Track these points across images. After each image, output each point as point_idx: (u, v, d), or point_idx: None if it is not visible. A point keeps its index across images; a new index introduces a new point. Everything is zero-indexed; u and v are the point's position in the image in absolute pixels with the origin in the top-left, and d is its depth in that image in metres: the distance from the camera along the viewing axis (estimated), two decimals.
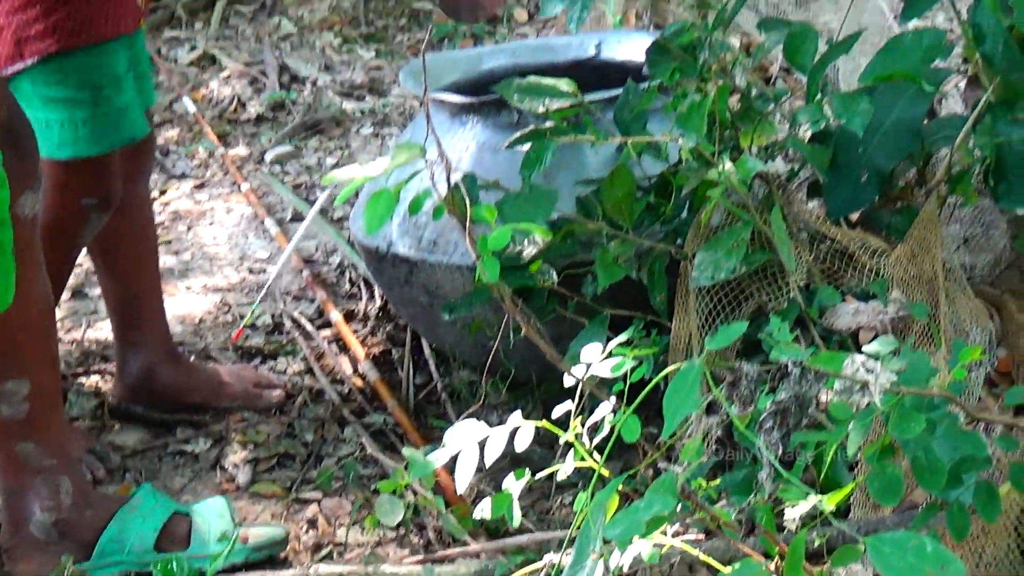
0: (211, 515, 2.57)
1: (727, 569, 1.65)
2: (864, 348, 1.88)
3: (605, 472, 1.76)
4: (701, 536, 2.13)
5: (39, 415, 2.40)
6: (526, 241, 2.54)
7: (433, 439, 1.91)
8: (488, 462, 1.77)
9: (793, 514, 1.69)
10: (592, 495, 1.75)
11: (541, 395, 2.93)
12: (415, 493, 2.68)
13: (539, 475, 1.92)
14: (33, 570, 2.45)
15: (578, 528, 1.76)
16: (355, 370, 3.24)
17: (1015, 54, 2.37)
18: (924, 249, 2.57)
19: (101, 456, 2.92)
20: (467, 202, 1.95)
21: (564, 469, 1.87)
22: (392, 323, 3.44)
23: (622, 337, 1.92)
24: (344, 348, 3.34)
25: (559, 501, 2.78)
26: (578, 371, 1.91)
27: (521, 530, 2.63)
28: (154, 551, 2.52)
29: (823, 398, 1.93)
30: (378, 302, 3.52)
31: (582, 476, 2.77)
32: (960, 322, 2.58)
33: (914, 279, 2.54)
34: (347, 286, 3.69)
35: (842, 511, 2.37)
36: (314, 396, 3.18)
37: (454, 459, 1.90)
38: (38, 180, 2.30)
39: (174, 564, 2.42)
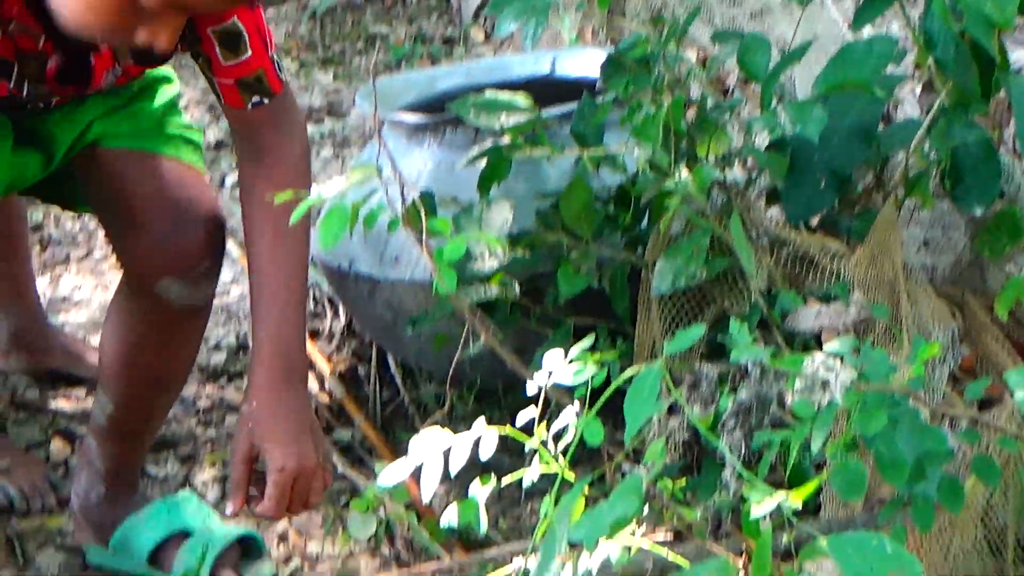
0: (213, 540, 2.58)
1: None
2: (825, 347, 1.90)
3: (570, 476, 1.77)
4: (671, 537, 2.14)
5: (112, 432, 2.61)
6: (486, 255, 2.54)
7: (402, 453, 1.91)
8: (453, 470, 1.77)
9: (758, 512, 1.69)
10: (557, 500, 1.76)
11: (508, 404, 2.94)
12: (385, 507, 2.68)
13: (506, 481, 1.92)
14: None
15: (543, 533, 1.76)
16: (322, 387, 3.24)
17: (966, 59, 2.39)
18: (884, 251, 2.59)
19: (55, 484, 2.91)
20: (423, 215, 1.96)
21: (529, 475, 1.88)
22: (357, 340, 3.44)
23: (584, 343, 1.92)
24: (310, 366, 3.33)
25: (529, 508, 2.79)
26: (541, 378, 1.92)
27: (493, 541, 2.64)
28: (147, 564, 2.60)
29: (787, 398, 1.94)
30: (343, 319, 3.52)
31: (551, 482, 2.79)
32: (923, 322, 2.60)
33: (875, 281, 2.56)
34: (311, 305, 3.69)
35: (813, 510, 2.38)
36: None
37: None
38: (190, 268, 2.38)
39: None
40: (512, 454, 2.79)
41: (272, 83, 2.25)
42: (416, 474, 2.80)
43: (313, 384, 3.25)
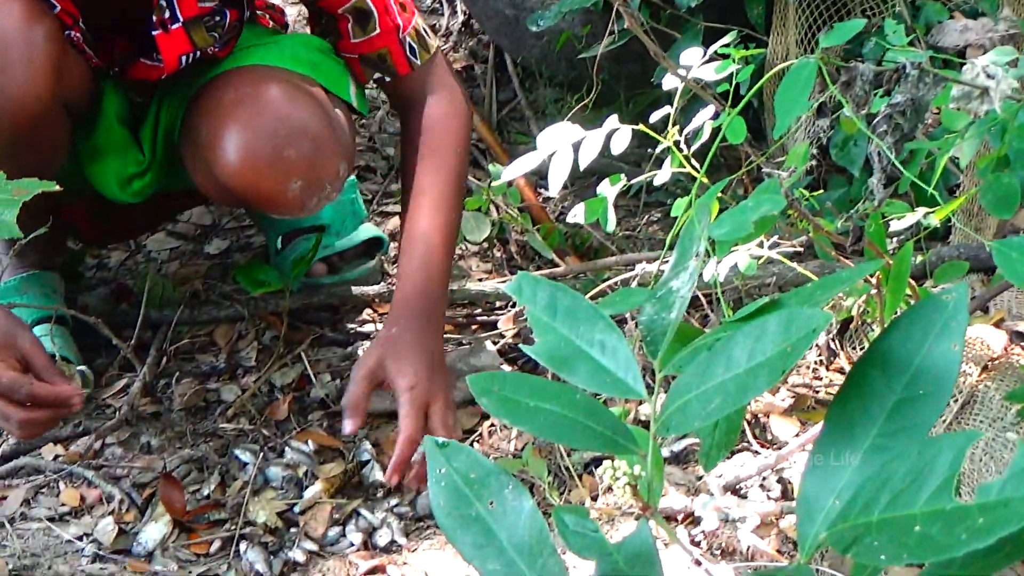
0: (335, 240, 2.58)
1: None
2: (979, 58, 1.79)
3: (704, 179, 1.69)
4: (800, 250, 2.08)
5: None
6: None
7: (517, 155, 1.84)
8: (583, 163, 1.70)
9: (899, 226, 1.62)
10: (691, 204, 1.69)
11: (630, 112, 2.86)
12: (499, 210, 2.63)
13: (635, 180, 1.85)
14: None
15: (677, 232, 1.70)
16: None
17: None
18: None
19: None
20: None
21: (661, 175, 1.80)
22: (475, 39, 3.34)
23: (724, 40, 1.83)
24: None
25: (646, 219, 2.73)
26: (675, 79, 1.83)
27: (607, 251, 2.59)
28: (279, 245, 2.59)
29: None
30: (460, 17, 3.42)
31: (670, 194, 2.73)
32: None
33: None
34: (428, 1, 3.59)
35: (942, 236, 2.31)
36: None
37: (541, 175, 1.82)
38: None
39: (251, 274, 2.43)
40: (630, 162, 2.73)
41: (398, 63, 2.24)
42: (531, 177, 2.77)
43: None
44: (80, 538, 1.99)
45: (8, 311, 2.04)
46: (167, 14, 2.05)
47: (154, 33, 2.06)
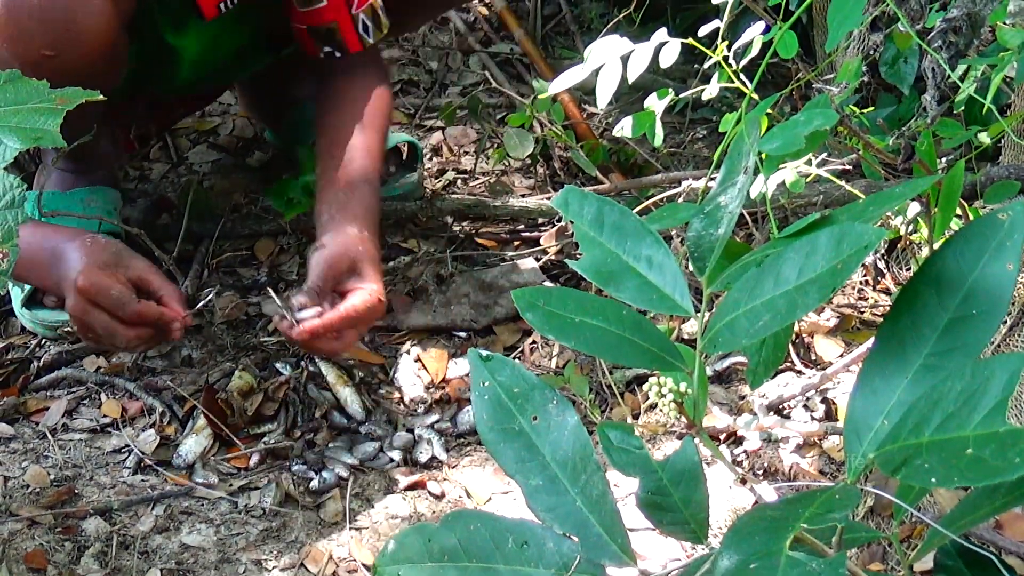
0: None
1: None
2: None
3: (754, 95, 1.66)
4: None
5: None
6: None
7: (562, 71, 1.81)
8: (631, 77, 1.67)
9: (952, 143, 1.60)
10: (739, 119, 1.66)
11: (677, 27, 2.82)
12: (543, 126, 2.60)
13: (682, 95, 1.82)
14: None
15: (724, 147, 1.67)
16: None
17: None
18: None
19: None
20: None
21: (709, 90, 1.77)
22: None
23: None
24: None
25: (691, 136, 2.69)
26: None
27: (651, 168, 2.56)
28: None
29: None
30: None
31: (715, 112, 2.69)
32: None
33: None
34: None
35: (991, 156, 2.27)
36: (439, 23, 3.08)
37: (585, 92, 1.79)
38: None
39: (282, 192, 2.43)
40: (675, 79, 2.70)
41: (348, 39, 2.19)
42: (576, 94, 2.73)
43: None
44: (121, 450, 2.00)
45: (119, 242, 2.07)
46: None
47: None
